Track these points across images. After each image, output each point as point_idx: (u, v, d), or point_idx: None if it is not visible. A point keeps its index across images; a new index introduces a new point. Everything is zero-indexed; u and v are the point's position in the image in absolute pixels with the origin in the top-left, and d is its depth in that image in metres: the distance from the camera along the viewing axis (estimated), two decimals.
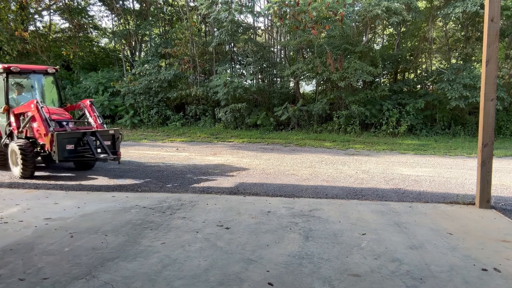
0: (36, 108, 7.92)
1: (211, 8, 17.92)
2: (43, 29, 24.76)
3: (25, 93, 9.40)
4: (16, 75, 9.01)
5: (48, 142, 7.65)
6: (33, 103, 7.98)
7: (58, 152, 7.50)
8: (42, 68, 9.56)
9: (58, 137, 7.49)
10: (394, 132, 16.51)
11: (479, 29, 16.91)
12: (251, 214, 5.76)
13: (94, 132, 8.06)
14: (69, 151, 7.72)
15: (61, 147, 7.56)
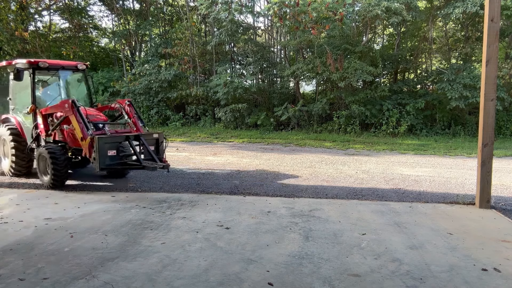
0: (72, 108, 6.98)
1: (211, 8, 17.93)
2: (43, 29, 24.75)
3: (50, 92, 8.58)
4: (43, 71, 8.17)
5: (87, 148, 6.67)
6: (68, 103, 7.02)
7: (99, 159, 6.48)
8: (72, 64, 8.70)
9: (99, 141, 6.48)
10: (394, 132, 16.51)
11: (479, 29, 16.91)
12: (251, 214, 5.76)
13: (138, 136, 7.10)
14: (110, 157, 6.70)
15: (103, 153, 6.55)
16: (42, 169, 7.50)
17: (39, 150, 7.51)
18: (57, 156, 7.16)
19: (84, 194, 6.97)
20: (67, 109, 7.05)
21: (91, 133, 6.79)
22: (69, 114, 7.05)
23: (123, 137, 6.95)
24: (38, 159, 7.55)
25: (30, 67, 7.81)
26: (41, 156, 7.45)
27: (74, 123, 6.98)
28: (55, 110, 7.59)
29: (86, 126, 6.88)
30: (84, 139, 6.75)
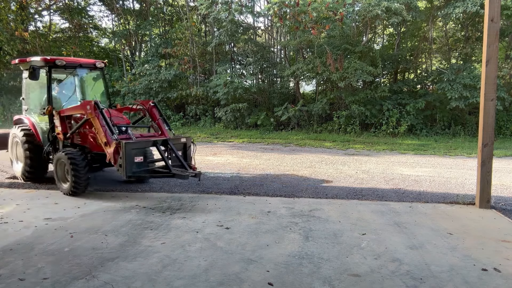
0: (95, 110, 6.41)
1: (211, 8, 17.94)
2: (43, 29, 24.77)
3: (65, 91, 8.08)
4: (59, 69, 7.63)
5: (112, 154, 6.12)
6: (90, 104, 6.47)
7: (126, 166, 5.92)
8: (90, 62, 8.16)
9: (126, 147, 5.90)
10: (394, 132, 16.51)
11: (479, 29, 16.92)
12: (251, 214, 5.76)
13: (166, 140, 6.59)
14: (137, 164, 6.14)
15: (130, 160, 5.97)
16: (60, 175, 6.94)
17: (58, 154, 6.90)
18: (77, 161, 6.60)
19: (84, 194, 6.96)
20: (89, 111, 6.48)
21: (116, 137, 6.22)
22: (91, 117, 6.46)
23: (151, 142, 6.43)
24: (56, 165, 6.96)
25: (46, 65, 7.31)
26: (59, 161, 6.88)
27: (97, 127, 6.38)
28: (75, 111, 7.06)
29: (111, 130, 6.29)
30: (109, 144, 6.16)
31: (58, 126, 7.22)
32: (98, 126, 6.36)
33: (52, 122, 7.39)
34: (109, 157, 6.22)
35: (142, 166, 6.26)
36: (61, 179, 6.96)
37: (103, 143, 6.30)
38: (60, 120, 7.17)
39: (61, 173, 6.94)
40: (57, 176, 6.99)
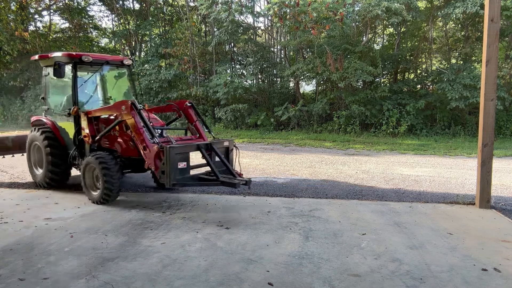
0: (132, 111, 5.81)
1: (211, 8, 17.94)
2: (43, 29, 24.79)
3: (86, 90, 7.48)
4: (85, 66, 7.09)
5: (152, 159, 5.56)
6: (126, 104, 5.86)
7: (170, 173, 5.30)
8: (117, 59, 7.55)
9: (170, 152, 5.28)
10: (394, 132, 16.50)
11: (479, 29, 16.92)
12: (251, 214, 5.76)
13: (210, 144, 5.93)
14: (181, 170, 5.46)
15: (174, 166, 5.34)
16: (89, 182, 6.37)
17: (87, 159, 6.29)
18: (109, 166, 5.99)
19: (84, 194, 6.95)
20: (125, 111, 5.87)
21: (157, 141, 5.60)
22: (127, 118, 5.88)
23: (194, 146, 5.77)
24: (84, 170, 6.35)
25: (72, 61, 6.75)
26: (88, 166, 6.29)
27: (134, 129, 5.81)
28: (106, 112, 6.45)
29: (151, 132, 5.70)
30: (149, 149, 5.59)
31: (85, 128, 6.59)
32: (135, 128, 5.79)
33: (78, 124, 6.75)
34: (148, 162, 5.64)
35: (186, 172, 5.55)
36: (90, 186, 6.39)
37: (141, 147, 5.73)
38: (87, 122, 6.56)
39: (90, 180, 6.37)
40: (85, 183, 6.40)
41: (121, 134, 6.39)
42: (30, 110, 23.35)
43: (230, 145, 6.35)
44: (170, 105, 7.07)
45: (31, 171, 7.63)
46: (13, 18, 21.42)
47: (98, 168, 6.02)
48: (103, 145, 6.67)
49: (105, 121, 6.60)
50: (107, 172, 5.96)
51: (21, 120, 23.80)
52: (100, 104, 7.55)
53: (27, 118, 23.68)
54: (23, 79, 24.59)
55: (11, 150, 8.18)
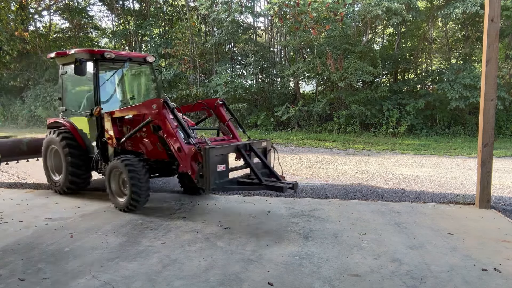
0: (163, 109, 5.39)
1: (211, 8, 17.94)
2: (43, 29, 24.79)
3: (108, 89, 7.10)
4: (106, 63, 6.67)
5: (188, 162, 5.11)
6: (158, 103, 5.43)
7: (210, 177, 4.89)
8: (140, 56, 7.16)
9: (210, 153, 4.87)
10: (394, 132, 16.51)
11: (479, 29, 16.93)
12: (251, 214, 5.76)
13: (249, 145, 5.54)
14: (219, 174, 5.06)
15: (213, 169, 4.94)
16: (115, 188, 5.94)
17: (112, 163, 5.84)
18: (137, 169, 5.56)
19: (84, 194, 6.96)
20: (156, 111, 5.44)
21: (194, 142, 5.23)
22: (158, 118, 5.44)
23: (233, 146, 5.41)
24: (109, 175, 5.93)
25: (91, 58, 6.33)
26: (114, 171, 5.86)
27: (166, 129, 5.36)
28: (133, 111, 5.95)
29: (187, 133, 5.32)
30: (183, 150, 5.13)
31: (109, 129, 6.10)
32: (168, 128, 5.33)
33: (100, 125, 6.27)
34: (183, 165, 5.19)
35: (225, 176, 5.15)
36: (116, 192, 5.95)
37: (174, 149, 5.26)
38: (111, 123, 6.09)
39: (116, 186, 5.94)
40: (110, 189, 5.96)
41: (149, 136, 5.94)
42: (30, 110, 23.35)
43: (268, 146, 5.97)
44: (199, 103, 6.58)
45: (48, 176, 7.18)
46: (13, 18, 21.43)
47: (125, 172, 5.59)
48: (128, 148, 6.21)
49: (129, 122, 6.16)
50: (135, 175, 5.53)
51: (21, 120, 23.81)
52: (119, 104, 7.13)
53: (27, 118, 23.69)
54: (23, 79, 24.60)
55: (25, 155, 7.60)
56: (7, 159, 7.33)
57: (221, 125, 6.34)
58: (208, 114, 6.70)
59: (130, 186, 5.57)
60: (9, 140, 7.60)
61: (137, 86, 7.74)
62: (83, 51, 6.49)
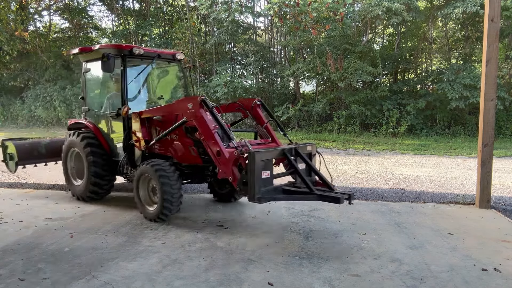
0: (202, 109, 4.89)
1: (211, 8, 17.95)
2: (43, 29, 24.80)
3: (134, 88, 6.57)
4: (134, 60, 6.18)
5: (229, 167, 4.60)
6: (194, 101, 4.92)
7: (255, 185, 4.30)
8: (169, 53, 6.66)
9: (256, 157, 4.28)
10: (394, 132, 16.51)
11: (479, 29, 16.93)
12: (251, 214, 5.76)
13: (295, 149, 4.89)
14: (264, 181, 4.46)
15: (259, 176, 4.36)
16: (144, 196, 5.49)
17: (142, 168, 5.33)
18: (169, 176, 5.07)
19: None
20: (192, 110, 4.94)
21: (236, 145, 4.69)
22: (195, 118, 4.94)
23: (279, 151, 4.76)
24: (137, 182, 5.45)
25: (119, 54, 5.86)
26: (143, 177, 5.39)
27: (204, 131, 4.84)
28: (165, 112, 5.51)
29: (228, 136, 4.82)
30: (223, 154, 4.64)
31: (137, 131, 5.63)
32: (206, 130, 4.82)
33: (127, 127, 5.82)
34: (222, 171, 4.68)
35: (269, 183, 4.56)
36: (144, 200, 5.49)
37: (213, 153, 4.76)
38: (140, 124, 5.64)
39: (145, 193, 5.48)
40: (138, 196, 5.49)
41: (181, 138, 5.43)
42: (30, 110, 23.36)
43: (313, 150, 5.26)
44: (233, 103, 5.96)
45: (67, 181, 6.72)
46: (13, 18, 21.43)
47: (155, 178, 5.10)
48: (156, 151, 5.72)
49: (159, 123, 5.69)
50: (166, 181, 5.03)
51: (21, 120, 23.81)
52: (146, 104, 6.65)
53: (27, 118, 23.69)
54: (23, 79, 24.61)
55: (44, 158, 7.13)
56: (25, 163, 6.92)
57: (258, 127, 5.80)
58: (244, 116, 6.08)
59: (162, 194, 5.06)
60: (26, 142, 7.14)
61: (164, 85, 7.24)
62: (110, 46, 6.05)
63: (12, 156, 6.91)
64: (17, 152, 6.80)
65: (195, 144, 5.28)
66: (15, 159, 6.82)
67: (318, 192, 4.48)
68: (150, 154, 5.74)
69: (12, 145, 6.87)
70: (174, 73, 7.20)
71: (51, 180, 8.18)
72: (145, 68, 6.44)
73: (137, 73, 6.35)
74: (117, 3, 22.50)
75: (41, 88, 23.12)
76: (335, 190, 4.64)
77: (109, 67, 5.59)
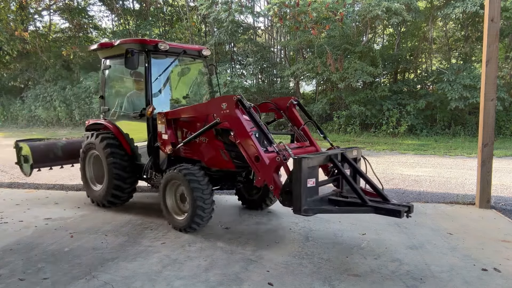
0: (237, 109, 4.44)
1: (211, 8, 17.95)
2: (43, 29, 24.80)
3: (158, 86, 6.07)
4: (158, 55, 5.67)
5: (269, 174, 4.20)
6: (229, 101, 4.48)
7: (302, 195, 3.83)
8: (194, 49, 6.15)
9: (303, 164, 3.78)
10: (394, 132, 16.51)
11: (479, 29, 16.94)
12: (251, 214, 5.76)
13: (343, 154, 4.42)
14: (310, 190, 3.96)
15: (305, 184, 3.88)
16: (171, 204, 5.10)
17: (170, 174, 4.93)
18: (200, 182, 4.69)
19: (84, 194, 6.95)
20: (227, 111, 4.49)
21: (277, 149, 4.16)
22: (230, 120, 4.49)
23: (326, 157, 4.23)
24: (164, 189, 5.06)
25: (143, 49, 5.41)
26: (170, 184, 5.01)
27: (240, 134, 4.39)
28: (196, 111, 5.09)
29: (268, 139, 4.30)
30: (263, 160, 4.20)
31: (164, 133, 5.23)
32: (242, 132, 4.36)
33: (153, 128, 5.40)
34: (261, 178, 4.25)
35: (314, 193, 4.04)
36: (172, 209, 5.08)
37: (250, 159, 4.31)
38: (166, 126, 5.24)
39: (172, 200, 5.11)
40: (165, 205, 5.10)
41: (210, 140, 5.02)
42: (30, 110, 23.36)
43: (358, 155, 4.76)
44: (266, 103, 5.42)
45: (86, 186, 6.30)
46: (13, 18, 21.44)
47: (185, 185, 4.70)
48: (182, 154, 5.33)
49: (186, 124, 5.29)
50: (197, 187, 4.65)
51: (21, 120, 23.82)
52: (169, 104, 6.25)
53: (27, 118, 23.69)
54: (23, 79, 24.62)
55: (60, 161, 6.73)
56: (40, 166, 6.53)
57: (294, 128, 5.28)
58: (277, 116, 5.53)
59: (193, 202, 4.65)
60: (41, 143, 6.72)
61: (187, 83, 6.78)
62: (132, 41, 5.63)
63: (27, 158, 6.49)
64: (32, 154, 6.40)
65: (227, 147, 4.86)
66: (30, 161, 6.41)
67: (373, 204, 3.91)
68: (176, 157, 5.34)
69: (26, 146, 6.46)
70: (197, 70, 6.74)
71: (51, 180, 8.18)
72: (170, 65, 5.86)
73: (161, 70, 5.82)
74: (117, 3, 22.52)
75: (41, 88, 23.13)
76: (391, 201, 4.02)
77: (134, 63, 5.20)
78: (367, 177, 4.31)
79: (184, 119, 5.28)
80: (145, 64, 5.43)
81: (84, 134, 6.45)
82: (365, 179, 4.33)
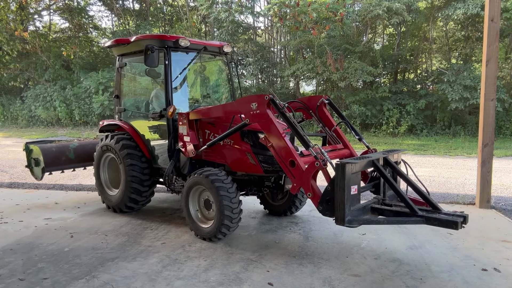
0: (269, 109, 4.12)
1: (211, 8, 17.96)
2: (43, 29, 24.80)
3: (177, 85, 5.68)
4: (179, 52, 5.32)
5: (307, 181, 3.83)
6: (260, 100, 4.11)
7: (345, 205, 3.48)
8: (215, 45, 5.77)
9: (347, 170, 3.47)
10: (394, 132, 16.52)
11: (479, 29, 16.95)
12: (251, 214, 5.76)
13: (386, 159, 4.19)
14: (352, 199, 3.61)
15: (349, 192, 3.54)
16: (194, 211, 4.76)
17: (194, 179, 4.58)
18: (227, 188, 4.36)
19: (84, 194, 6.96)
20: (257, 111, 4.15)
21: (314, 153, 3.84)
22: (261, 121, 4.14)
23: (369, 161, 3.87)
24: (187, 195, 4.72)
25: (164, 45, 5.11)
26: (194, 189, 4.68)
27: (273, 136, 4.03)
28: (223, 112, 4.73)
29: (304, 142, 3.97)
30: (299, 166, 3.85)
31: (186, 135, 4.93)
32: (275, 134, 4.02)
33: (173, 130, 5.11)
34: (298, 185, 3.90)
35: (356, 201, 3.70)
36: (195, 216, 4.75)
37: (284, 163, 3.95)
38: (189, 127, 4.94)
39: (195, 207, 4.78)
40: (188, 211, 4.74)
41: (236, 143, 4.69)
42: (30, 110, 23.36)
43: (399, 159, 4.54)
44: (294, 102, 5.01)
45: (100, 190, 5.96)
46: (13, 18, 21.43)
47: (213, 192, 4.36)
48: (205, 158, 5.00)
49: (209, 126, 4.98)
50: (225, 194, 4.31)
51: (21, 120, 23.81)
52: (188, 104, 5.92)
53: (27, 118, 23.69)
54: (23, 79, 24.61)
55: (72, 163, 6.43)
56: (51, 169, 6.20)
57: (325, 129, 4.95)
58: (306, 116, 5.14)
59: (220, 209, 4.32)
60: (53, 145, 6.38)
61: (206, 81, 6.48)
62: (151, 37, 5.39)
63: (38, 162, 6.17)
64: (44, 156, 6.06)
65: (254, 151, 4.57)
66: (41, 164, 6.09)
67: (423, 214, 3.54)
68: (197, 161, 5.06)
69: (37, 148, 6.12)
70: (217, 67, 6.37)
71: (51, 180, 8.18)
72: (190, 62, 5.45)
73: (181, 68, 5.43)
74: (117, 3, 22.51)
75: (41, 88, 23.12)
76: (442, 210, 3.64)
77: (154, 60, 4.88)
78: (413, 183, 3.94)
79: (207, 120, 4.97)
80: (165, 62, 5.11)
81: (97, 136, 6.13)
82: (412, 185, 3.95)
